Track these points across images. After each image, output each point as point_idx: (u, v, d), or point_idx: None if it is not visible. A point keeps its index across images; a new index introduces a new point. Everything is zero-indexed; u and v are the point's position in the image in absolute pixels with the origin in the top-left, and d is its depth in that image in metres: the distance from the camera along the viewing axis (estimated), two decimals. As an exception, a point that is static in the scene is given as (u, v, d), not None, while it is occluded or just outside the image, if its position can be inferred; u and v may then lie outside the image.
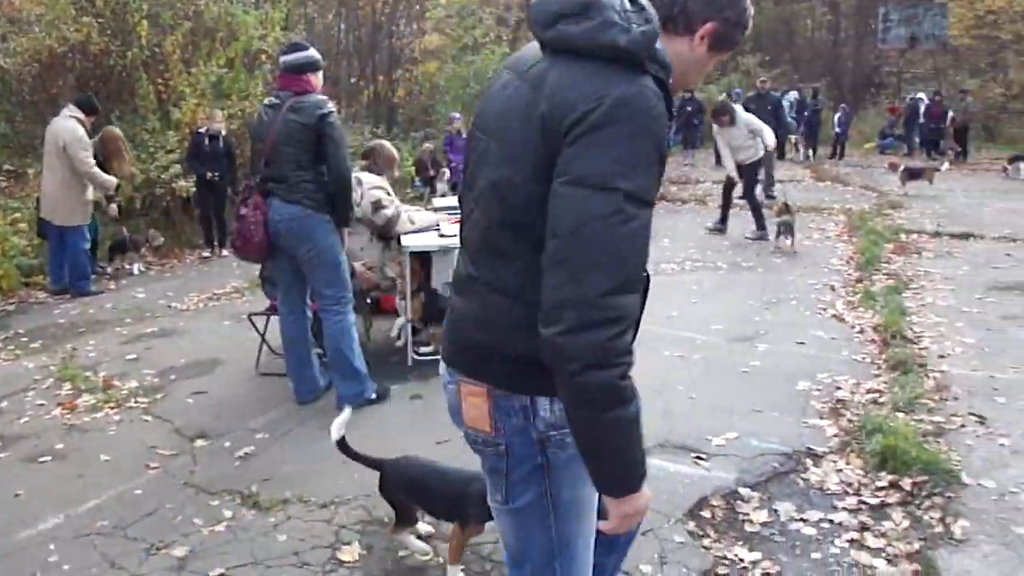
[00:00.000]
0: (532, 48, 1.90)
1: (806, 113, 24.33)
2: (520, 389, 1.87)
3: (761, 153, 11.20)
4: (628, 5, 1.76)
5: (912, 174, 16.15)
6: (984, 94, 27.88)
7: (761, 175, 12.79)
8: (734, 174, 11.07)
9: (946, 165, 18.74)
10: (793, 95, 24.34)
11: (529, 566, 2.08)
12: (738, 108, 11.35)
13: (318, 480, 4.31)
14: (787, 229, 10.32)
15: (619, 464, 1.80)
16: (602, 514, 1.92)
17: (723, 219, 11.62)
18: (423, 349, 6.11)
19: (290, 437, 4.94)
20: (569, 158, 1.67)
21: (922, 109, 24.46)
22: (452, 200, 8.06)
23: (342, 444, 3.59)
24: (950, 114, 23.50)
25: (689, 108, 21.21)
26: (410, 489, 3.55)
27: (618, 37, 1.70)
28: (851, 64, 38.23)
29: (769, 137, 11.21)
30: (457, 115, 16.76)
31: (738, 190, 11.38)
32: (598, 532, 2.06)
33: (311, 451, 4.68)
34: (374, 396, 5.34)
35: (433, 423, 4.90)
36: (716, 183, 16.95)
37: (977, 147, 24.08)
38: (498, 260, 1.87)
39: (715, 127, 11.22)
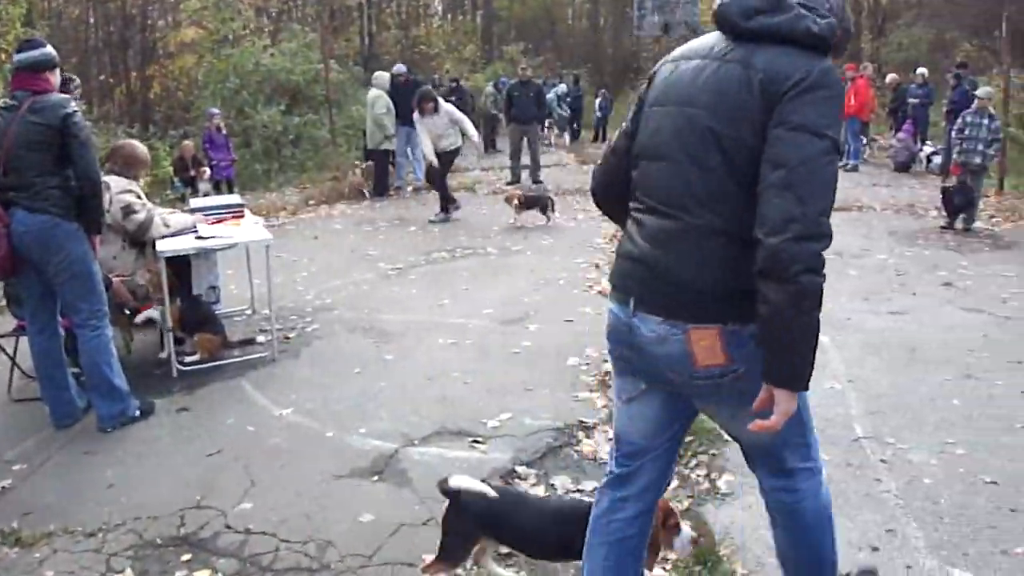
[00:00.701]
0: (706, 39, 2.44)
1: (569, 99, 25.14)
2: (749, 319, 2.19)
3: (460, 142, 11.57)
4: (805, 1, 2.28)
5: None
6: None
7: (527, 160, 13.03)
8: (434, 159, 11.17)
9: None
10: (562, 87, 24.93)
11: (787, 449, 2.54)
12: (442, 101, 11.52)
13: (83, 508, 4.00)
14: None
15: (804, 360, 2.16)
16: None
17: (444, 207, 11.69)
18: (187, 359, 5.85)
19: (50, 466, 4.58)
20: (788, 111, 2.15)
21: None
22: (213, 200, 7.76)
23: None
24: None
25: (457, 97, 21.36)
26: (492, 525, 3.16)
27: (811, 25, 2.22)
28: (611, 51, 39.70)
29: (470, 129, 11.66)
30: (216, 110, 16.03)
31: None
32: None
33: (74, 479, 4.36)
34: (138, 413, 5.03)
35: (203, 436, 4.73)
36: (484, 170, 17.27)
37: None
38: (718, 204, 2.26)
39: (416, 115, 11.27)
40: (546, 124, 23.31)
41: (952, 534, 3.56)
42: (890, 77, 18.72)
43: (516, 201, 10.87)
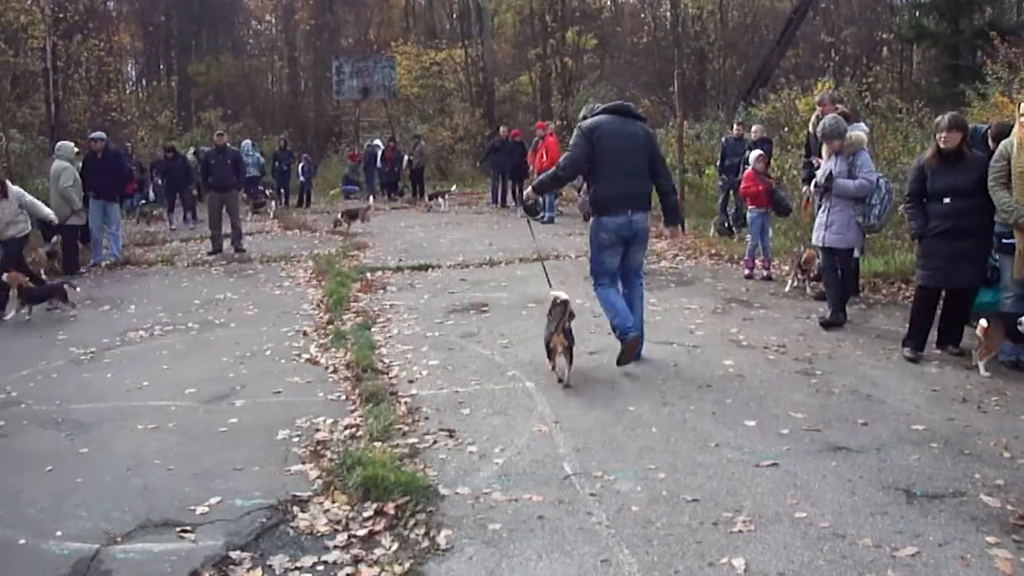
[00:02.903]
0: (614, 116, 6.93)
1: (276, 164, 24.84)
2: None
3: (29, 228, 10.87)
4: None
5: (351, 215, 17.81)
6: (434, 137, 30.68)
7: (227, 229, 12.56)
8: None
9: (371, 202, 20.71)
10: (246, 143, 24.41)
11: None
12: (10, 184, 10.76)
13: None
14: None
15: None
16: None
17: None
18: None
19: None
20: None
21: (379, 154, 26.10)
22: None
23: None
24: (405, 157, 25.38)
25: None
26: None
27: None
28: (312, 115, 39.63)
29: (43, 211, 11.10)
30: None
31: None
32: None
33: None
34: None
35: None
36: (183, 241, 16.65)
37: (432, 185, 26.14)
38: (646, 173, 6.96)
39: None
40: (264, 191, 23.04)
41: (662, 554, 3.77)
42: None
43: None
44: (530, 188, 7.43)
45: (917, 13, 21.55)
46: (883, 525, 3.99)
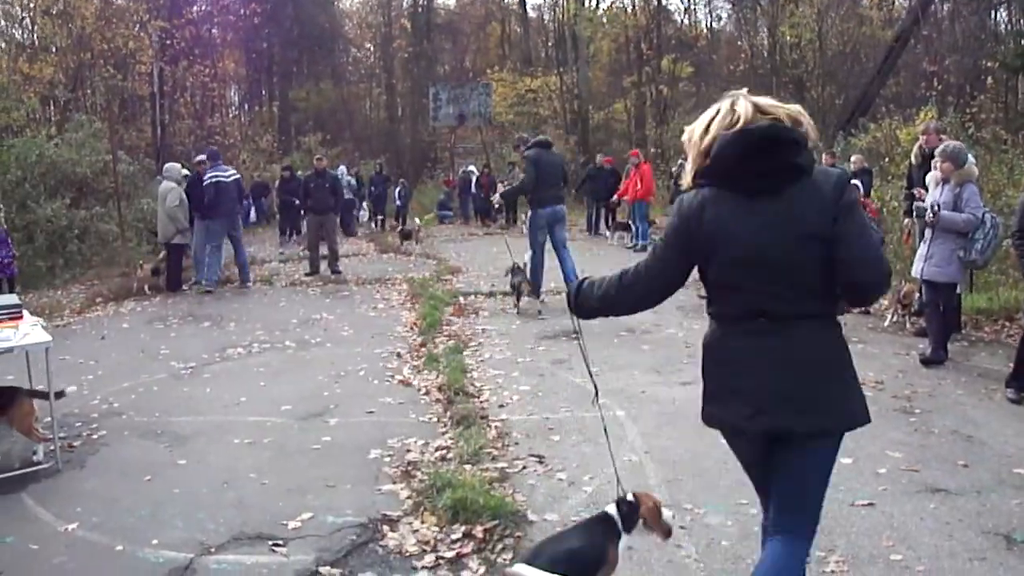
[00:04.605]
0: None
1: (372, 188, 25.32)
2: None
3: None
4: None
5: (405, 235, 19.93)
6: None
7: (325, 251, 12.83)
8: None
9: (417, 223, 21.78)
10: (341, 168, 24.86)
11: None
12: None
13: None
14: None
15: None
16: None
17: None
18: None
19: None
20: None
21: (474, 180, 26.38)
22: None
23: None
24: (499, 184, 25.58)
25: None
26: None
27: None
28: (409, 141, 40.29)
29: None
30: (-1, 204, 15.11)
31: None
32: None
33: None
34: None
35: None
36: (282, 262, 17.02)
37: (524, 211, 26.19)
38: None
39: None
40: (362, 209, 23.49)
41: (749, 593, 3.70)
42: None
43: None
44: (497, 195, 11.27)
45: (1023, 41, 20.90)
46: (981, 571, 3.85)
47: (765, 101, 2.77)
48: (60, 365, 6.92)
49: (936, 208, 7.55)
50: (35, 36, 27.19)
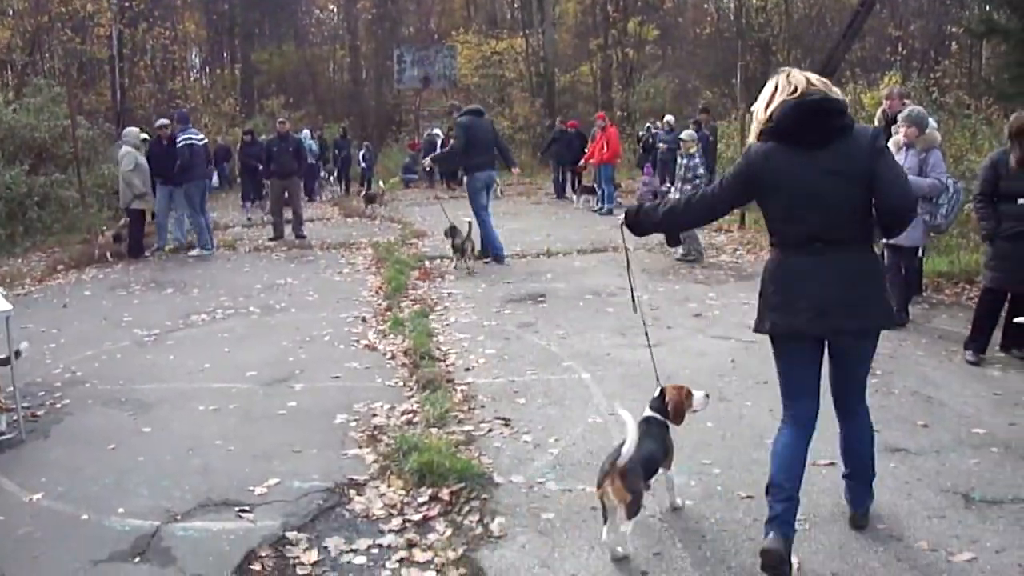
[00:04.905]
0: None
1: (336, 152, 25.11)
2: None
3: None
4: None
5: (370, 199, 20.29)
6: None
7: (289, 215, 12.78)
8: None
9: (381, 186, 21.95)
10: (305, 132, 24.59)
11: None
12: None
13: None
14: None
15: None
16: None
17: None
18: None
19: None
20: None
21: (439, 143, 26.18)
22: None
23: None
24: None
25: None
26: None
27: None
28: (373, 103, 39.91)
29: None
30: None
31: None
32: None
33: None
34: None
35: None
36: (245, 226, 16.87)
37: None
38: None
39: None
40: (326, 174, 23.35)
41: (715, 550, 3.78)
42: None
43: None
44: (428, 158, 12.50)
45: (988, 7, 20.99)
46: (940, 529, 3.94)
47: (812, 76, 3.52)
48: (22, 334, 6.84)
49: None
50: (-9, 0, 26.64)
